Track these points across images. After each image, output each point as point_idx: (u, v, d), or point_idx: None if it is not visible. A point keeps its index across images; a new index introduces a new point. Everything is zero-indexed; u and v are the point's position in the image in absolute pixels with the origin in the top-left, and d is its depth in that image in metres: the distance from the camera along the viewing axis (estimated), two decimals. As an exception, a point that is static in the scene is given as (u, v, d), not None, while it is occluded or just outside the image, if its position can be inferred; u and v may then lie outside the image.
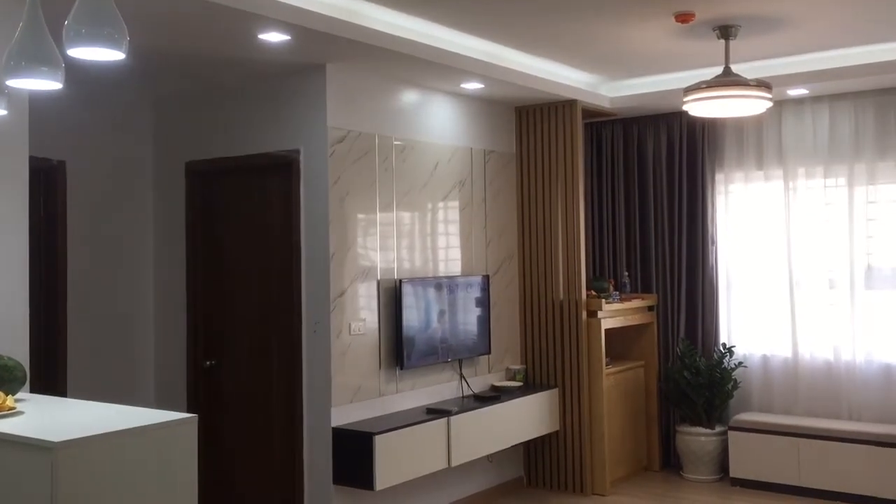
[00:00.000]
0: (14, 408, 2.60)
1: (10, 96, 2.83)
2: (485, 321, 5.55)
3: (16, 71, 2.45)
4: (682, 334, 6.36)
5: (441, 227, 5.44)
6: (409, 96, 5.18)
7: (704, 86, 4.56)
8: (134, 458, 2.36)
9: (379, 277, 4.89)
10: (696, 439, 6.06)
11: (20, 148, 3.43)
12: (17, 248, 3.40)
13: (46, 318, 4.75)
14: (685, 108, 4.76)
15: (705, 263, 6.32)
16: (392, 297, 4.92)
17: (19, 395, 2.84)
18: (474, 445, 5.09)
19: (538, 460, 5.99)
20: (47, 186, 4.80)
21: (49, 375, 4.69)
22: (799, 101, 5.95)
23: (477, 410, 5.12)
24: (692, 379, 6.01)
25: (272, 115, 4.84)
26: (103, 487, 2.27)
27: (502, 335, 5.84)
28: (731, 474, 5.94)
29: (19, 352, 3.21)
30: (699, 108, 4.71)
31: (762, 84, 4.56)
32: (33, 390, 3.21)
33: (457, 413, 4.95)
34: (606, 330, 5.87)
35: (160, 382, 5.33)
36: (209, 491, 4.76)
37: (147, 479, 2.38)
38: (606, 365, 5.87)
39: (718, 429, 6.06)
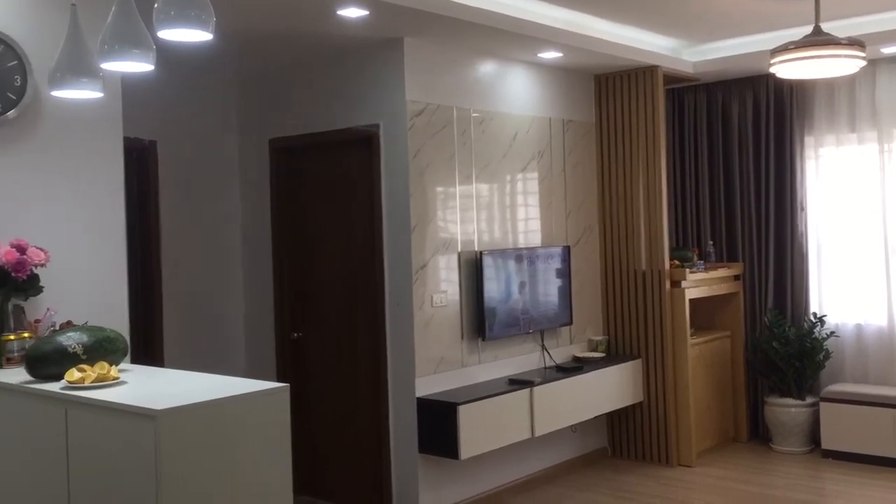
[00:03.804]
0: (118, 378, 2.72)
1: (105, 79, 2.93)
2: (566, 292, 5.52)
3: (109, 54, 2.56)
4: (770, 304, 6.20)
5: (520, 199, 5.42)
6: (487, 68, 5.16)
7: (793, 46, 4.38)
8: (231, 425, 2.44)
9: (459, 250, 4.92)
10: (787, 410, 5.92)
11: (115, 129, 3.57)
12: (114, 226, 3.55)
13: (143, 292, 4.95)
14: (772, 70, 4.59)
15: (794, 230, 6.14)
16: (473, 269, 4.94)
17: (121, 365, 2.98)
18: (557, 416, 5.10)
19: (622, 431, 5.96)
20: (140, 165, 4.98)
21: (147, 347, 4.89)
22: (893, 59, 5.69)
23: (560, 381, 5.12)
24: (781, 349, 5.87)
25: (351, 91, 4.90)
26: (203, 453, 2.36)
27: (584, 306, 5.80)
28: (823, 446, 5.80)
29: (120, 325, 3.36)
30: (787, 69, 4.53)
31: (855, 42, 4.36)
32: (133, 361, 3.35)
33: (540, 384, 4.97)
34: (691, 300, 5.78)
35: (250, 354, 5.51)
36: (298, 458, 4.90)
37: (243, 445, 2.47)
38: (691, 335, 5.78)
39: (809, 400, 5.91)
